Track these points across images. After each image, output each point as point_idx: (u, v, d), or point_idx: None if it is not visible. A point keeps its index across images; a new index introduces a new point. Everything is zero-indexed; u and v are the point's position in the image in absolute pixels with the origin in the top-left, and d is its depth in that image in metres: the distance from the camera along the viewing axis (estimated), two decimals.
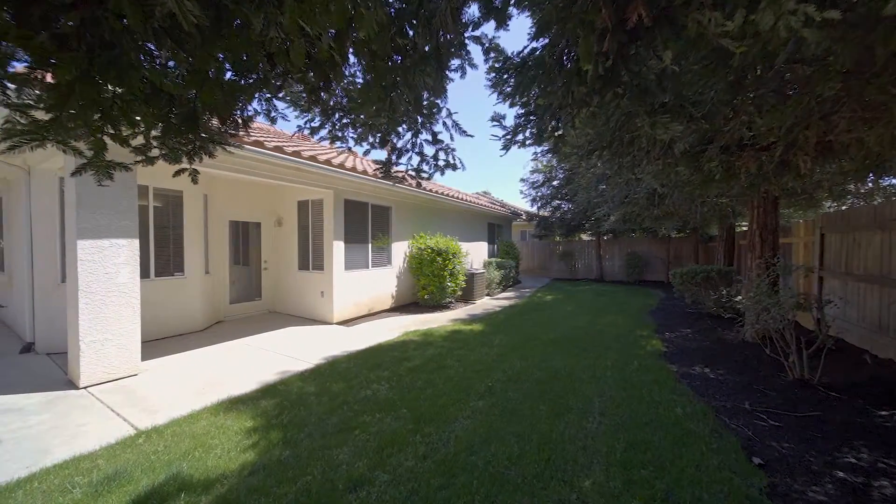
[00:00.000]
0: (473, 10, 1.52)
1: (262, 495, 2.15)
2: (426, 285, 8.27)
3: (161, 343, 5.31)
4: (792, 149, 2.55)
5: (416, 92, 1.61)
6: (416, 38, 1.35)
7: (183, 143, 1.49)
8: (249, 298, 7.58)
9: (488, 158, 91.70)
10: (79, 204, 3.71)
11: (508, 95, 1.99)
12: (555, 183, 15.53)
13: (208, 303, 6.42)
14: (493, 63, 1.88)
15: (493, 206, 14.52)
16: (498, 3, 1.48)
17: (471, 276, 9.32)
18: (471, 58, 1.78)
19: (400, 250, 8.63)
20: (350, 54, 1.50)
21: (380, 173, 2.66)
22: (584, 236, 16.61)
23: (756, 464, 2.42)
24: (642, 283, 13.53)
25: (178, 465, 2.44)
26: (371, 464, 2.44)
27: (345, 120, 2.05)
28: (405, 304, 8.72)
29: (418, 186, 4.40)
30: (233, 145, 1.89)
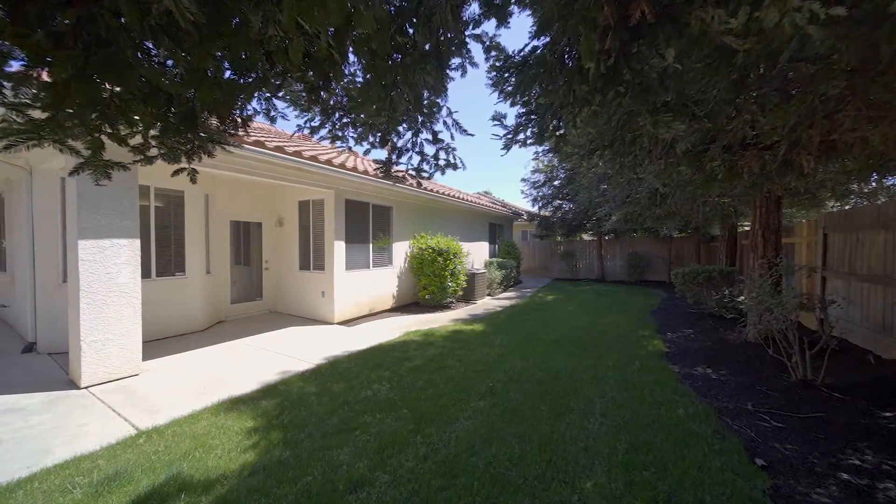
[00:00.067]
0: (474, 7, 1.51)
1: (263, 496, 2.15)
2: (427, 285, 8.26)
3: (162, 343, 5.31)
4: (795, 148, 2.53)
5: (417, 91, 1.60)
6: (417, 37, 1.34)
7: (182, 143, 1.48)
8: (250, 298, 7.59)
9: (489, 158, 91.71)
10: (80, 204, 3.71)
11: (509, 94, 1.98)
12: (556, 183, 15.51)
13: (209, 303, 6.43)
14: (493, 62, 1.87)
15: (495, 205, 14.51)
16: (498, 0, 1.47)
17: (472, 276, 9.31)
18: (471, 56, 1.77)
19: (401, 250, 8.62)
20: (350, 53, 1.49)
21: (380, 173, 2.65)
22: (586, 236, 16.59)
23: (759, 465, 2.40)
24: (644, 284, 13.50)
25: (179, 465, 2.44)
26: (371, 464, 2.43)
27: (345, 119, 2.04)
28: (406, 305, 8.72)
29: (419, 186, 4.41)
30: (232, 145, 1.88)
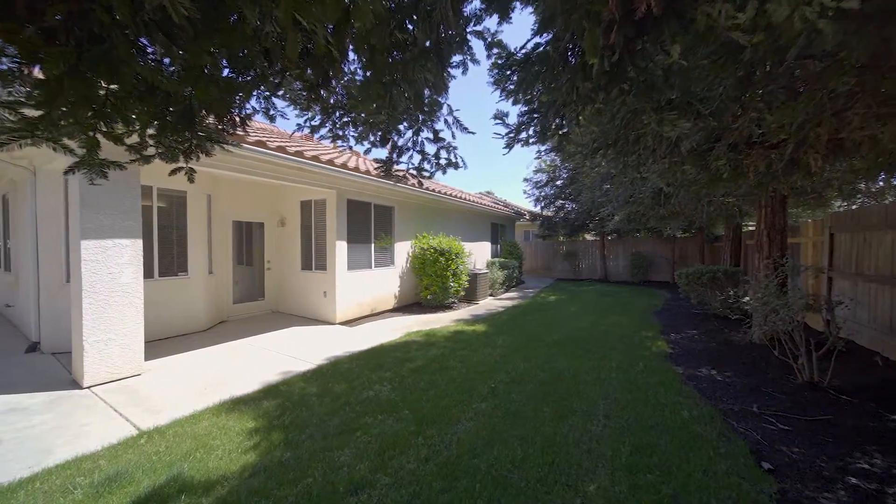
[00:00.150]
0: (475, 3, 1.49)
1: (263, 497, 2.14)
2: (429, 285, 8.24)
3: (164, 343, 5.32)
4: (802, 147, 2.49)
5: (417, 88, 1.58)
6: (417, 33, 1.32)
7: (179, 142, 1.47)
8: (253, 298, 7.60)
9: (491, 158, 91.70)
10: (82, 204, 3.72)
11: (511, 92, 1.96)
12: (558, 182, 15.44)
13: (212, 303, 6.44)
14: (495, 59, 1.85)
15: (497, 205, 14.47)
16: None
17: (474, 277, 9.28)
18: (473, 53, 1.74)
19: (403, 250, 8.61)
20: (350, 51, 1.47)
21: (381, 172, 2.63)
22: (588, 236, 16.52)
23: (765, 469, 2.37)
24: (647, 284, 13.42)
25: (180, 466, 2.43)
26: (372, 466, 2.42)
27: (345, 118, 2.03)
28: (408, 305, 8.70)
29: (420, 185, 4.40)
30: (231, 144, 1.87)
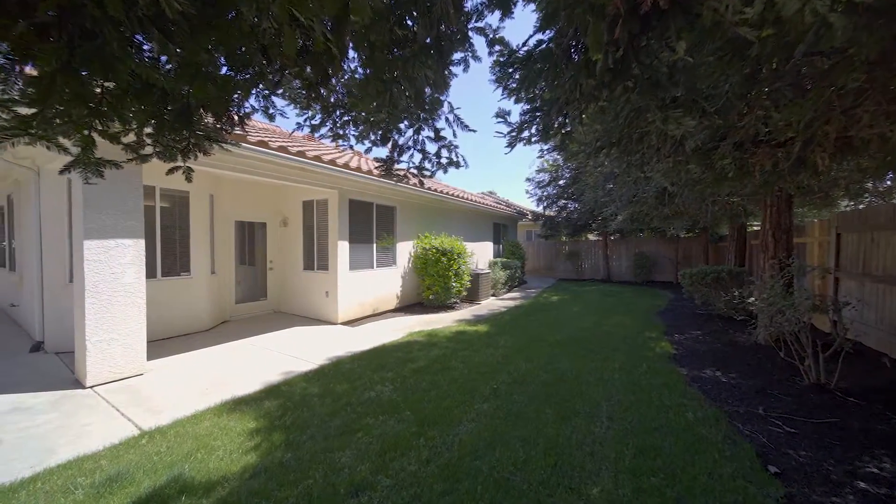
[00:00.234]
0: None
1: (263, 499, 2.13)
2: (431, 285, 8.23)
3: (167, 343, 5.33)
4: (810, 145, 2.45)
5: (417, 86, 1.56)
6: (417, 29, 1.30)
7: (177, 141, 1.45)
8: (255, 298, 7.61)
9: (494, 158, 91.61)
10: (85, 204, 3.73)
11: (514, 91, 1.93)
12: (561, 182, 15.38)
13: (214, 303, 6.45)
14: (497, 57, 1.82)
15: (499, 205, 14.43)
16: None
17: (476, 277, 9.26)
18: (474, 50, 1.72)
19: (405, 250, 8.60)
20: (350, 49, 1.46)
21: (381, 171, 2.61)
22: (591, 236, 16.44)
23: (772, 472, 2.33)
24: (650, 284, 13.35)
25: (180, 466, 2.42)
26: (373, 468, 2.40)
27: (346, 117, 2.01)
28: (410, 305, 8.69)
29: (420, 185, 4.40)
30: (231, 143, 1.86)
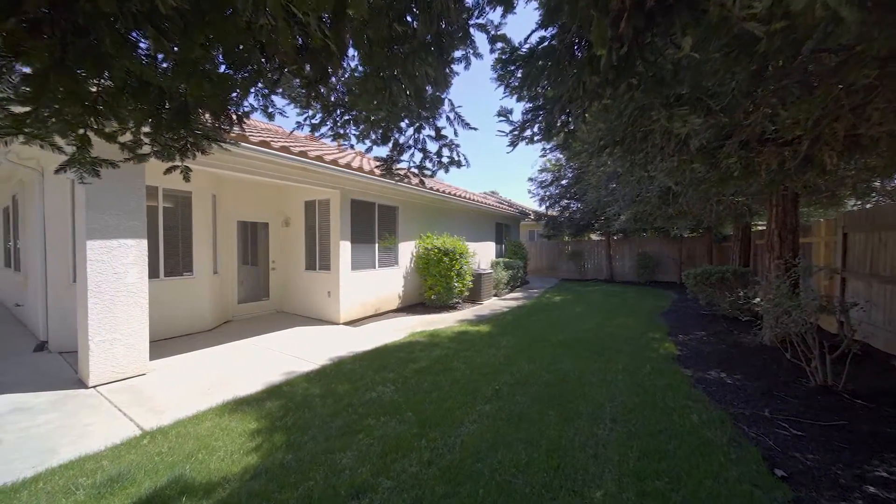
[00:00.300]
0: None
1: (264, 500, 2.11)
2: (433, 285, 8.21)
3: (169, 342, 5.35)
4: (817, 143, 2.41)
5: (417, 83, 1.54)
6: (416, 26, 1.28)
7: (175, 140, 1.44)
8: (257, 298, 7.62)
9: (496, 158, 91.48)
10: (88, 204, 3.74)
11: (516, 89, 1.91)
12: (563, 182, 15.33)
13: (217, 302, 6.46)
14: (499, 55, 1.80)
15: (501, 205, 14.40)
16: None
17: (478, 277, 9.23)
18: (476, 47, 1.69)
19: (407, 250, 8.58)
20: (350, 47, 1.44)
21: (381, 171, 2.60)
22: (594, 236, 16.36)
23: (779, 476, 2.29)
24: (653, 284, 13.27)
25: (181, 467, 2.41)
26: (374, 469, 2.38)
27: (346, 116, 1.99)
28: (412, 305, 8.67)
29: (422, 184, 4.38)
30: (230, 142, 1.85)
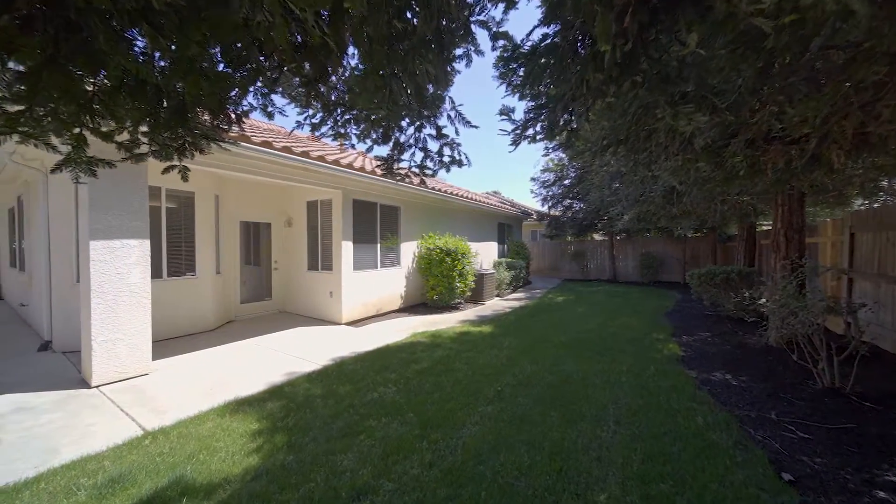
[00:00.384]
0: None
1: (264, 502, 2.10)
2: (435, 286, 8.19)
3: (172, 342, 5.36)
4: (825, 142, 2.37)
5: (418, 81, 1.52)
6: (417, 22, 1.26)
7: (172, 139, 1.43)
8: (260, 298, 7.63)
9: (498, 158, 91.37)
10: (91, 205, 3.75)
11: (518, 87, 1.89)
12: (566, 182, 15.26)
13: (219, 303, 6.47)
14: (501, 52, 1.77)
15: (503, 205, 14.36)
16: None
17: (480, 277, 9.20)
18: (477, 44, 1.67)
19: (409, 250, 8.57)
20: (349, 44, 1.42)
21: (382, 170, 2.58)
22: (597, 236, 16.30)
23: (786, 480, 2.26)
24: (657, 285, 13.18)
25: (182, 468, 2.41)
26: (376, 471, 2.37)
27: (347, 116, 1.98)
28: (414, 305, 8.66)
29: (423, 184, 4.38)
30: (229, 142, 1.84)
